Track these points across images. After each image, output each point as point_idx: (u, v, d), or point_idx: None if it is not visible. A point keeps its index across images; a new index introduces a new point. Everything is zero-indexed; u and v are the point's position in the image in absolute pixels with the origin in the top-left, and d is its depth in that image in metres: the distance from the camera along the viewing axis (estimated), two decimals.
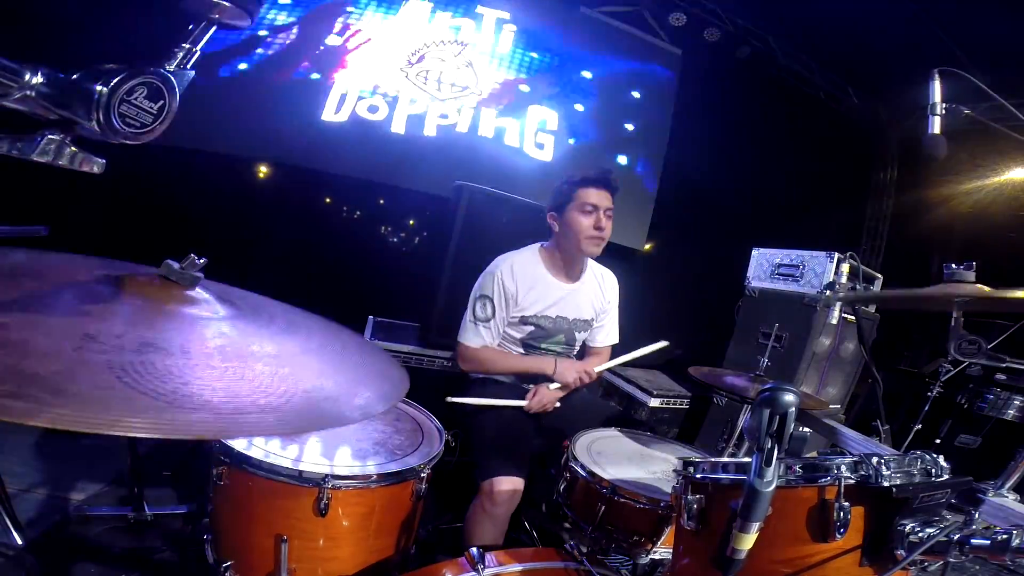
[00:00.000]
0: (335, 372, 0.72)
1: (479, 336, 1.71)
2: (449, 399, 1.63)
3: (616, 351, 2.04)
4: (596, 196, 1.66)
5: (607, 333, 1.93)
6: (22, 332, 0.50)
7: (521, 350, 1.79)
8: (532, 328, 1.75)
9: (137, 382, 0.49)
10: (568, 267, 1.78)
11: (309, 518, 1.01)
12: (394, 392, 0.73)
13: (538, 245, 1.82)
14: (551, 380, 1.74)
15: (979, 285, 1.06)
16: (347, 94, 3.71)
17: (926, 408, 3.21)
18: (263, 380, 0.59)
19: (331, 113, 3.68)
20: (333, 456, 1.11)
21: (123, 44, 2.87)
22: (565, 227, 1.70)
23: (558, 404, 1.71)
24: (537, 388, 1.68)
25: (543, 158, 4.13)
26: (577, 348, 1.90)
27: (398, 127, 3.79)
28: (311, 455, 1.09)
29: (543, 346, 1.80)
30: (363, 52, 3.79)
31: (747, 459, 0.72)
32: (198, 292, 0.69)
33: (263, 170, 3.82)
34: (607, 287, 1.90)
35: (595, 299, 1.86)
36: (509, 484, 1.41)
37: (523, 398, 1.76)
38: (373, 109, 3.76)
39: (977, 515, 0.71)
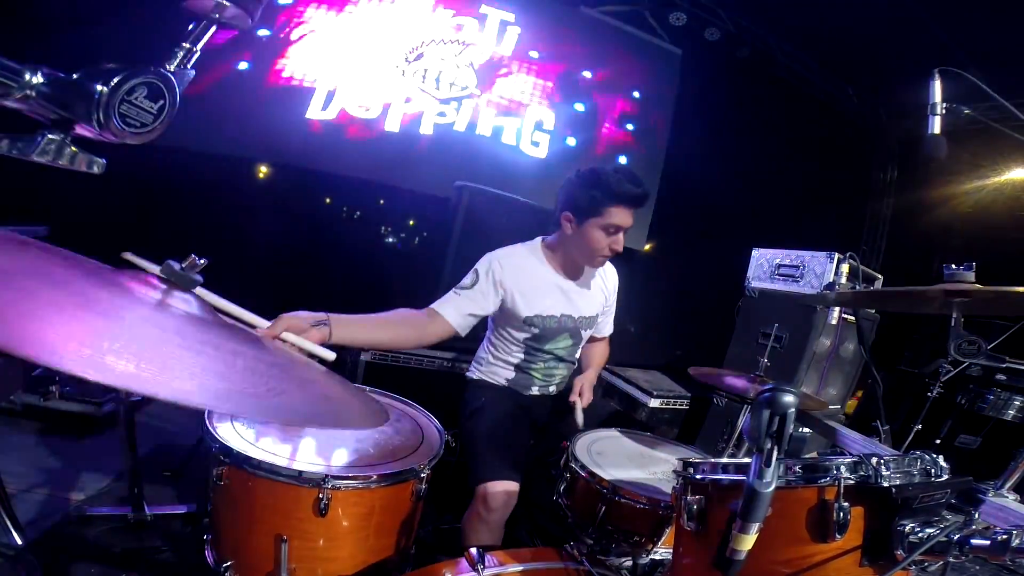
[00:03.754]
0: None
1: (446, 301, 1.58)
2: None
3: (616, 354, 2.04)
4: (624, 216, 1.56)
5: (609, 323, 1.94)
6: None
7: (522, 353, 1.76)
8: (537, 330, 1.70)
9: None
10: (570, 267, 1.74)
11: (309, 518, 1.01)
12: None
13: (539, 241, 1.76)
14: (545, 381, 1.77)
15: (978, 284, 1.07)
16: (343, 91, 3.70)
17: (926, 408, 3.21)
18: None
19: (326, 110, 3.66)
20: (333, 456, 1.11)
21: (123, 44, 2.87)
22: (580, 237, 1.61)
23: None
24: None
25: (539, 156, 4.12)
26: (584, 345, 1.88)
27: (394, 125, 3.78)
28: (311, 455, 1.09)
29: (547, 347, 1.75)
30: (360, 48, 3.77)
31: (747, 460, 0.72)
32: (189, 301, 0.68)
33: (263, 170, 3.82)
34: (608, 280, 1.89)
35: (598, 296, 1.84)
36: (502, 488, 1.39)
37: (524, 403, 1.76)
38: (368, 107, 3.74)
39: (977, 515, 0.71)
